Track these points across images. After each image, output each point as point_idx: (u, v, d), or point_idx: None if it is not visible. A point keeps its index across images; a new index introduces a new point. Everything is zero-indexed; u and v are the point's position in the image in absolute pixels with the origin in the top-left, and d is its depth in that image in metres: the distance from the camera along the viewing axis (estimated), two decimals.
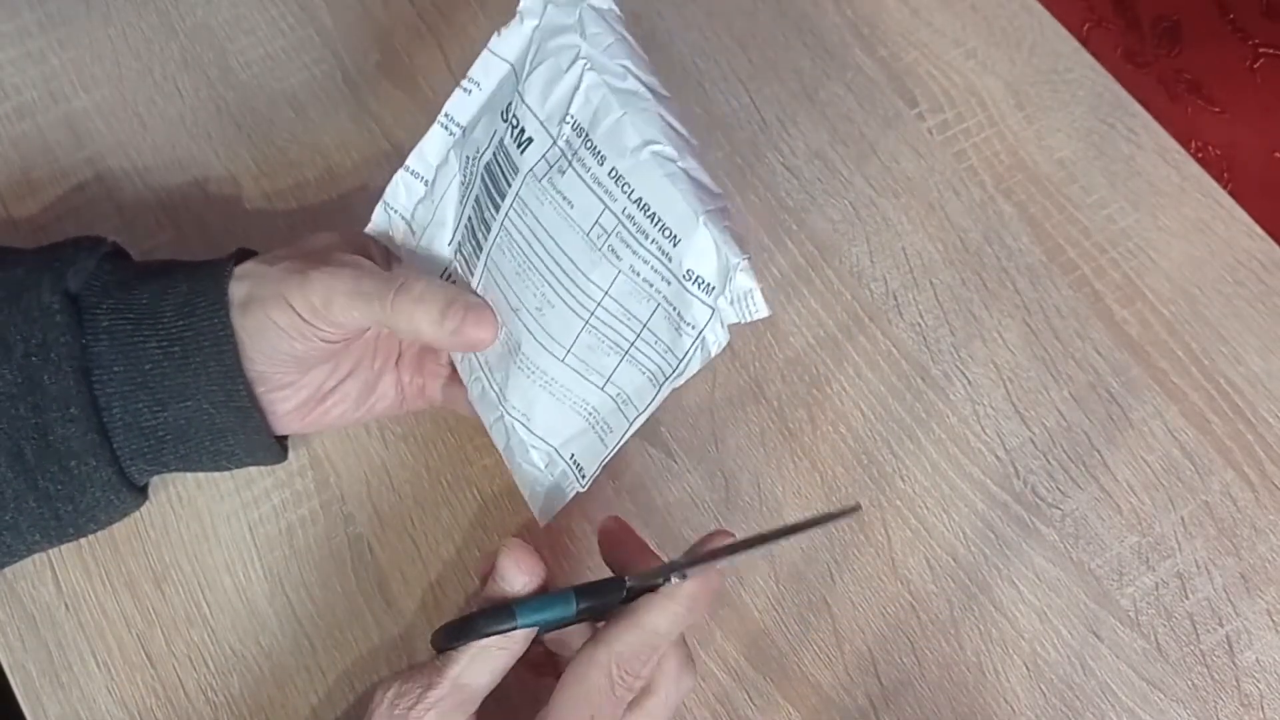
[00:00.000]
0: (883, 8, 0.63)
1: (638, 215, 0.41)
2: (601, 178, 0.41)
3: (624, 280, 0.41)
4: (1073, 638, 0.50)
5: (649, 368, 0.42)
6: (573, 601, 0.40)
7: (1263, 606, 0.50)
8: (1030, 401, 0.54)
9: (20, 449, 0.42)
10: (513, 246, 0.44)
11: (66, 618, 0.48)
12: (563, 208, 0.42)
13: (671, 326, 0.41)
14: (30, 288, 0.43)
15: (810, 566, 0.50)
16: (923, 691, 0.49)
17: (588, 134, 0.41)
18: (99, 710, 0.47)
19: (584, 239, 0.42)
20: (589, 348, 0.43)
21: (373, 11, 0.62)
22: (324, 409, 0.47)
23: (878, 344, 0.55)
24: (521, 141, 0.43)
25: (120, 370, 0.43)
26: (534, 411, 0.45)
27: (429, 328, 0.43)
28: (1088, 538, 0.51)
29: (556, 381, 0.44)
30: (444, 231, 0.47)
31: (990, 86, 0.61)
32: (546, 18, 0.43)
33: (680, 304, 0.41)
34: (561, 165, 0.42)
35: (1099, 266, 0.57)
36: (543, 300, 0.43)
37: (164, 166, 0.57)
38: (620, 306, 0.42)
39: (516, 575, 0.41)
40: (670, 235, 0.40)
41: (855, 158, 0.59)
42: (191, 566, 0.49)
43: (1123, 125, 0.60)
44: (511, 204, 0.43)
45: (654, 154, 0.40)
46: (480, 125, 0.46)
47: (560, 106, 0.42)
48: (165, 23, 0.61)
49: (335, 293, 0.42)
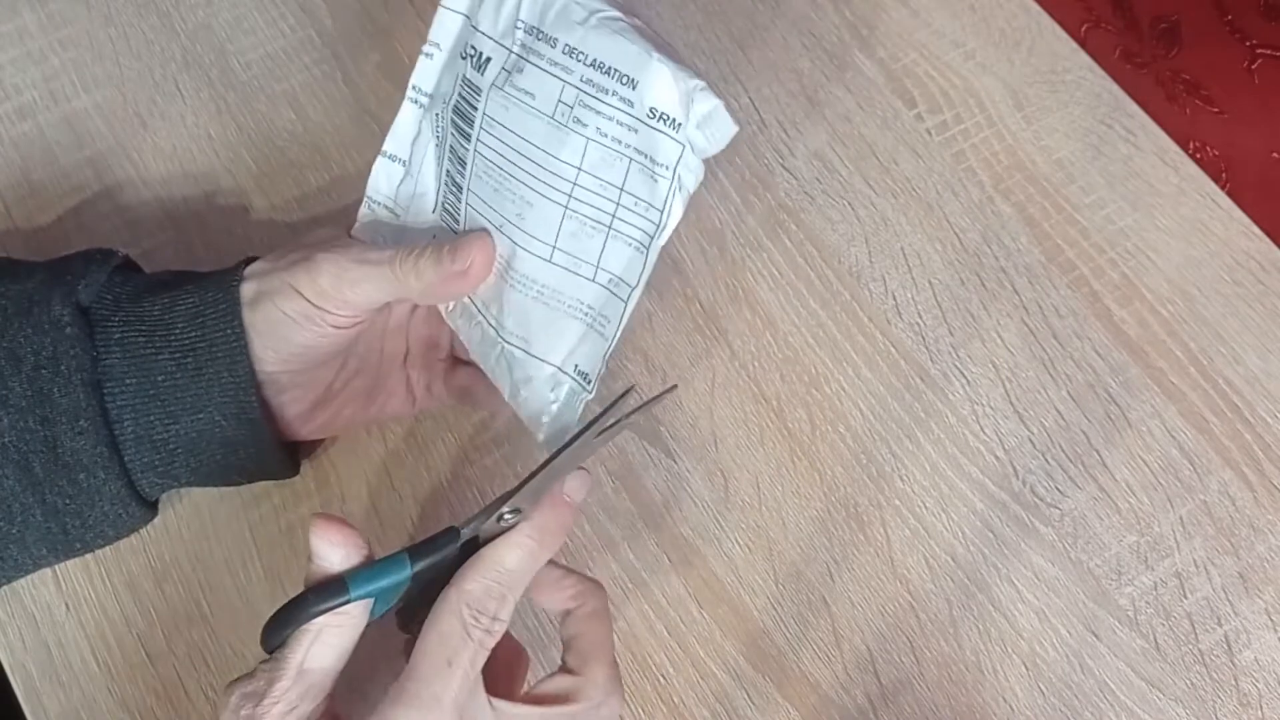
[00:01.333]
0: (882, 9, 0.63)
1: (595, 76, 0.42)
2: (556, 58, 0.42)
3: (594, 149, 0.42)
4: (1071, 637, 0.50)
5: (634, 236, 0.43)
6: (406, 563, 0.38)
7: (1261, 606, 0.50)
8: (1029, 401, 0.54)
9: (28, 462, 0.42)
10: (487, 168, 0.44)
11: (67, 617, 0.48)
12: (525, 102, 0.43)
13: (647, 177, 0.42)
14: (41, 301, 0.43)
15: (809, 566, 0.51)
16: (921, 691, 0.49)
17: (537, 29, 0.43)
18: (99, 710, 0.47)
19: (549, 123, 0.42)
20: (572, 235, 0.43)
21: (373, 12, 0.62)
22: (334, 409, 0.48)
23: (876, 344, 0.55)
24: (481, 64, 0.44)
25: (133, 383, 0.43)
26: (531, 330, 0.45)
27: (432, 271, 0.43)
28: (1086, 537, 0.51)
29: (549, 288, 0.44)
30: (427, 200, 0.47)
31: (989, 87, 0.61)
32: None
33: (650, 149, 0.42)
34: (519, 66, 0.43)
35: (1097, 266, 0.57)
36: (521, 204, 0.43)
37: (164, 167, 0.57)
38: (594, 179, 0.42)
39: (331, 550, 0.38)
40: (628, 81, 0.41)
41: (854, 158, 0.59)
42: (192, 566, 0.49)
43: (1121, 126, 0.60)
44: (480, 126, 0.44)
45: (601, 20, 0.42)
46: (444, 79, 0.46)
47: (510, 17, 0.43)
48: (166, 23, 0.61)
49: (343, 270, 0.43)
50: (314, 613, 0.37)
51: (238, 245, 0.56)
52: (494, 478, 0.51)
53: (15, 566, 0.44)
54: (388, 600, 0.39)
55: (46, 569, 0.49)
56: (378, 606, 0.39)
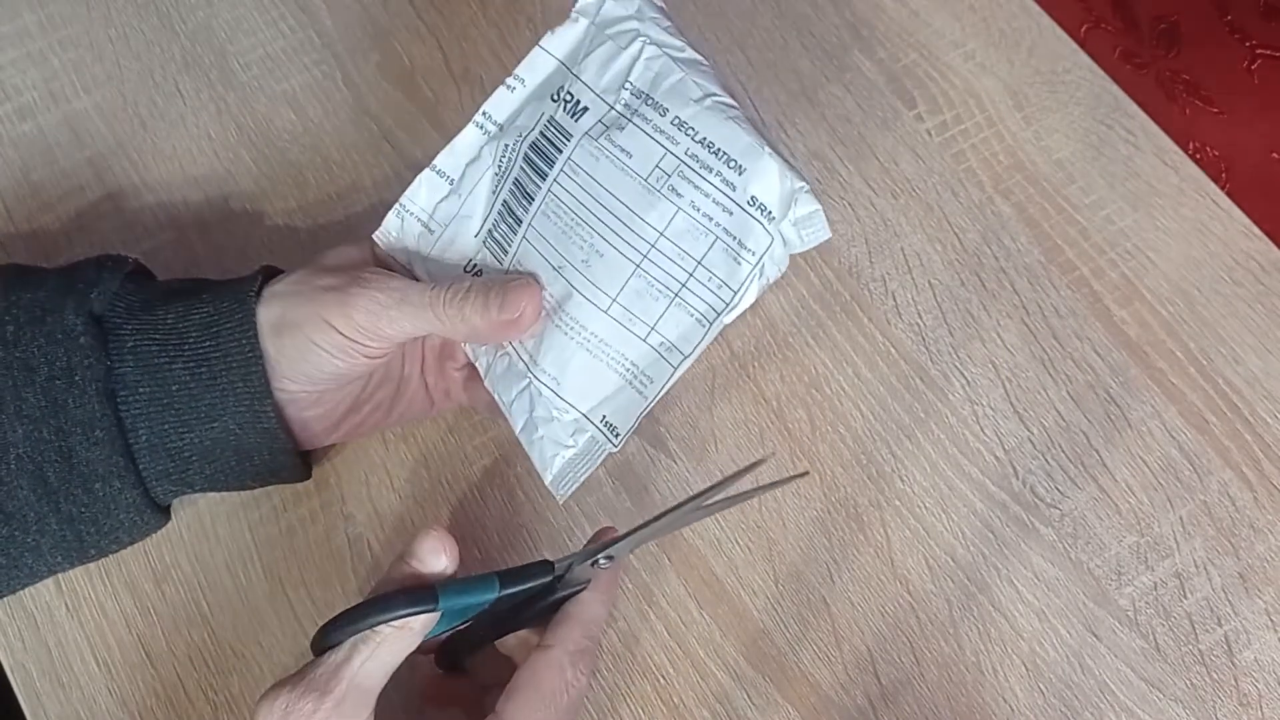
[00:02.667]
0: (881, 9, 0.63)
1: (701, 153, 0.43)
2: (664, 126, 0.44)
3: (682, 218, 0.43)
4: (1071, 637, 0.50)
5: (698, 309, 0.44)
6: (495, 584, 0.38)
7: (1261, 606, 0.50)
8: (1029, 401, 0.54)
9: (43, 472, 0.42)
10: (559, 209, 0.44)
11: (67, 617, 0.48)
12: (620, 159, 0.44)
13: (730, 258, 0.43)
14: (54, 310, 0.43)
15: (809, 566, 0.51)
16: (922, 691, 0.49)
17: (648, 95, 0.44)
18: (99, 710, 0.47)
19: (641, 184, 0.43)
20: (637, 293, 0.43)
21: (373, 12, 0.62)
22: (358, 419, 0.47)
23: (876, 344, 0.55)
24: (576, 112, 0.45)
25: (146, 392, 0.43)
26: (567, 373, 0.44)
27: (479, 317, 0.43)
28: (1086, 538, 0.51)
29: (596, 336, 0.44)
30: (471, 223, 0.47)
31: (989, 87, 0.61)
32: (603, 12, 0.46)
33: (742, 232, 0.43)
34: (620, 123, 0.44)
35: (1097, 267, 0.57)
36: (590, 251, 0.44)
37: (164, 167, 0.57)
38: (675, 246, 0.43)
39: (438, 557, 0.38)
40: (735, 166, 0.43)
41: (854, 158, 0.59)
42: (191, 566, 0.49)
43: (1121, 126, 0.60)
44: (561, 169, 0.44)
45: (716, 103, 0.44)
46: (524, 114, 0.47)
47: (618, 77, 0.45)
48: (166, 24, 0.61)
49: (382, 306, 0.42)
50: (392, 617, 0.36)
51: (238, 245, 0.56)
52: (494, 478, 0.51)
53: (30, 574, 0.44)
54: (450, 622, 0.38)
55: None
56: (437, 627, 0.38)
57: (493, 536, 0.50)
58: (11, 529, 0.42)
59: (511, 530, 0.51)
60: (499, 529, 0.51)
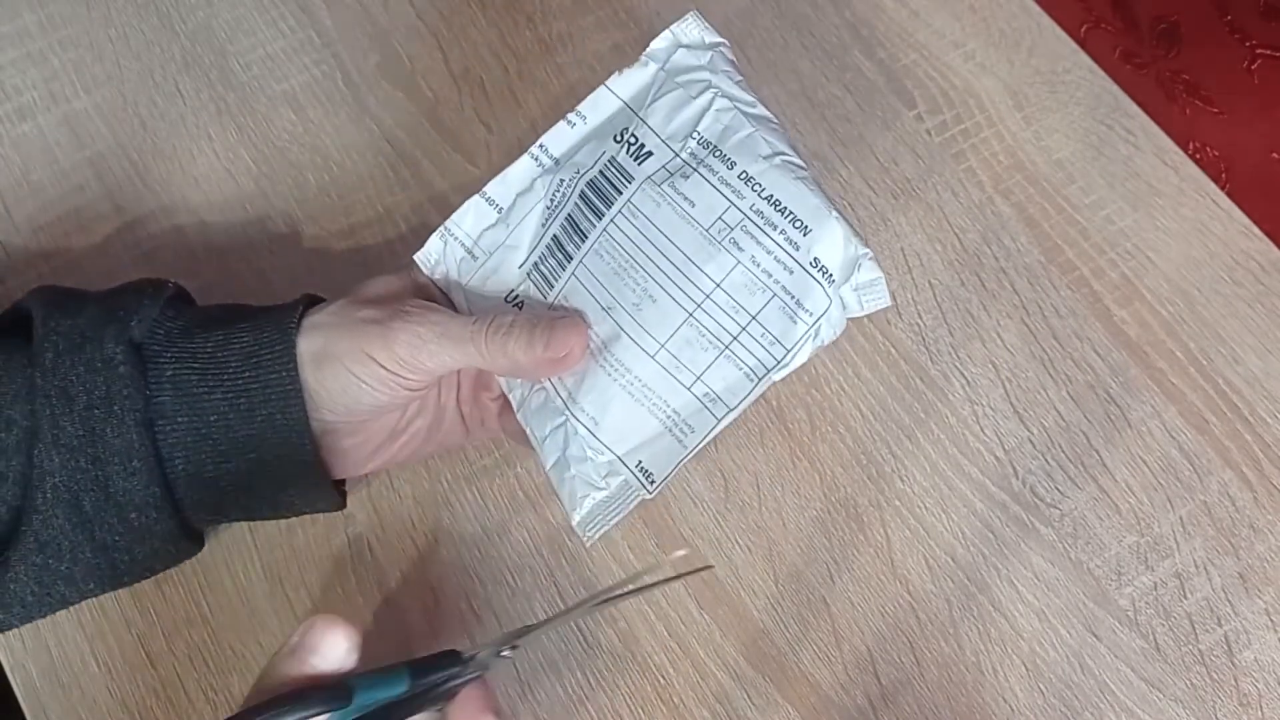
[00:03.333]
0: (881, 9, 0.63)
1: (767, 209, 0.43)
2: (730, 179, 0.43)
3: (741, 272, 0.43)
4: (1071, 637, 0.50)
5: (748, 362, 0.43)
6: (405, 677, 0.36)
7: (1261, 606, 0.50)
8: (1029, 402, 0.54)
9: (79, 501, 0.42)
10: (613, 249, 0.44)
11: (67, 618, 0.48)
12: (681, 207, 0.43)
13: (786, 316, 0.43)
14: (93, 338, 0.43)
15: (809, 566, 0.50)
16: (922, 691, 0.49)
17: (716, 146, 0.44)
18: (99, 709, 0.47)
19: (702, 234, 0.43)
20: (687, 342, 0.43)
21: (372, 12, 0.62)
22: (395, 448, 0.47)
23: (876, 344, 0.55)
24: (640, 155, 0.45)
25: (184, 421, 0.42)
26: (606, 414, 0.44)
27: (523, 354, 0.42)
28: (1086, 538, 0.51)
29: (640, 380, 0.43)
30: (516, 254, 0.47)
31: (989, 88, 0.61)
32: (674, 60, 0.46)
33: (800, 292, 0.43)
34: (685, 171, 0.44)
35: (1097, 267, 0.57)
36: (643, 295, 0.43)
37: (164, 167, 0.57)
38: (730, 299, 0.43)
39: (335, 646, 0.35)
40: (801, 226, 0.43)
41: (854, 159, 0.59)
42: (191, 566, 0.49)
43: (1121, 126, 0.60)
44: (619, 210, 0.44)
45: (785, 161, 0.44)
46: (583, 151, 0.46)
47: (686, 126, 0.45)
48: (166, 24, 0.61)
49: (423, 340, 0.42)
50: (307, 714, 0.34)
51: (238, 246, 0.56)
52: (493, 478, 0.51)
53: (61, 600, 0.44)
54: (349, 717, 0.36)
55: None
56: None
57: (492, 538, 0.50)
58: (46, 557, 0.42)
59: (510, 530, 0.51)
60: (498, 529, 0.51)
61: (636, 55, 0.47)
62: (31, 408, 0.42)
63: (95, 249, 0.55)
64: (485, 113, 0.59)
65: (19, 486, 0.42)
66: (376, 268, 0.55)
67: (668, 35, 0.47)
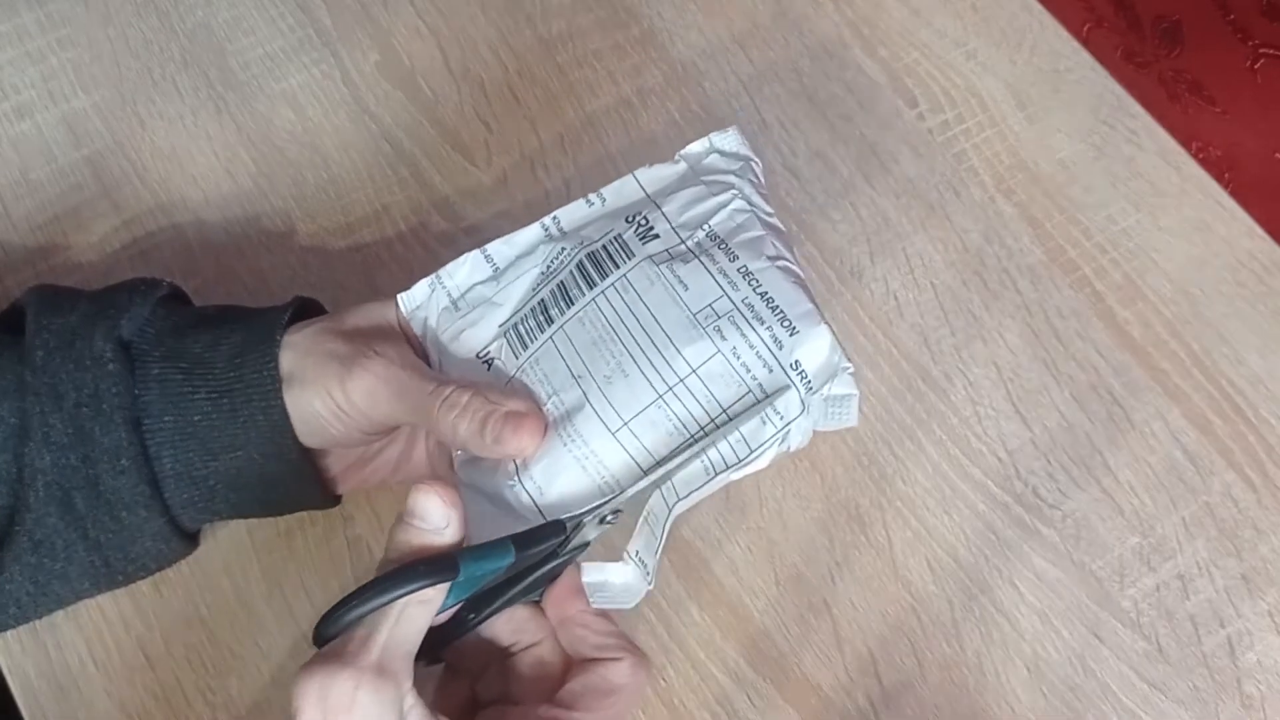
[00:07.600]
0: (883, 8, 0.62)
1: (758, 304, 0.42)
2: (729, 271, 0.43)
3: (719, 361, 0.42)
4: (1074, 639, 0.49)
5: (710, 456, 0.41)
6: (510, 549, 0.37)
7: (1264, 608, 0.50)
8: (1031, 402, 0.54)
9: (70, 499, 0.42)
10: (597, 318, 0.43)
11: (65, 619, 0.48)
12: (674, 289, 0.43)
13: (756, 415, 0.41)
14: (83, 336, 0.43)
15: (810, 568, 0.50)
16: (923, 693, 0.48)
17: (723, 240, 0.44)
18: (97, 712, 0.47)
19: (688, 318, 0.42)
20: (651, 424, 0.41)
21: (372, 11, 0.62)
22: (365, 473, 0.47)
23: (878, 344, 0.55)
24: (646, 236, 0.45)
25: (170, 420, 0.42)
26: (554, 484, 0.42)
27: (471, 438, 0.41)
28: (1089, 539, 0.51)
29: (595, 455, 0.42)
30: (500, 312, 0.46)
31: (991, 87, 0.61)
32: (705, 163, 0.47)
33: (775, 392, 0.41)
34: (686, 257, 0.44)
35: (1100, 267, 0.57)
36: (616, 369, 0.42)
37: (163, 166, 0.57)
38: (703, 387, 0.41)
39: (440, 511, 0.37)
40: (789, 326, 0.42)
41: (855, 158, 0.59)
42: (189, 568, 0.49)
43: (1123, 126, 0.60)
44: (613, 283, 0.44)
45: (788, 266, 0.44)
46: (592, 226, 0.46)
47: (700, 218, 0.45)
48: (165, 23, 0.61)
49: (378, 395, 0.42)
50: (416, 587, 0.34)
51: (236, 245, 0.55)
52: None
53: (57, 600, 0.44)
54: (458, 594, 0.36)
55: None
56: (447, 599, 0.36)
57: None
58: (40, 556, 0.42)
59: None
60: None
61: (636, 55, 0.47)
62: (21, 405, 0.42)
63: (93, 247, 0.55)
64: (485, 112, 0.59)
65: (8, 485, 0.42)
66: (375, 266, 0.55)
67: (705, 141, 0.47)
